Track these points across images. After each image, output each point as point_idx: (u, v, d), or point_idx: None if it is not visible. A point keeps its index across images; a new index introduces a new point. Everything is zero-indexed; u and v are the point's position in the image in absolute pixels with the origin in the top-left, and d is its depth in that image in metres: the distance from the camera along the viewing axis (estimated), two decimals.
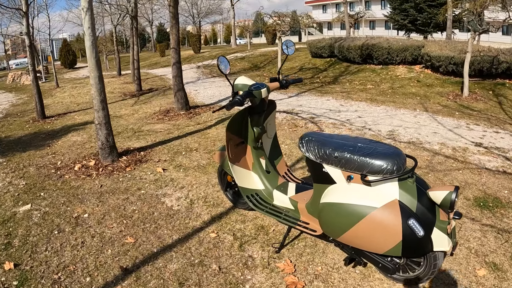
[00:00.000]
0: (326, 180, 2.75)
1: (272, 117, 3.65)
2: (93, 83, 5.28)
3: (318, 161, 2.75)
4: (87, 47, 5.16)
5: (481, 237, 3.45)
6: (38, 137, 7.82)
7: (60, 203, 4.35)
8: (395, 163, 2.43)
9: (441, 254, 2.57)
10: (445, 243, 2.42)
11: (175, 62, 8.95)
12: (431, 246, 2.44)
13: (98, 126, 5.45)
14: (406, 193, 2.44)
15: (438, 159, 5.36)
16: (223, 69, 3.35)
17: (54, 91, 15.63)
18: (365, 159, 2.49)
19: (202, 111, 9.12)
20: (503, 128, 6.95)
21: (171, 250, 3.35)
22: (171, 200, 4.34)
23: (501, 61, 10.67)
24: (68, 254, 3.33)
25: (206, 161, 5.51)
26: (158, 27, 59.52)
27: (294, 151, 5.74)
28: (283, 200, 3.29)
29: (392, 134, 6.49)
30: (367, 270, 2.99)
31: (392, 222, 2.40)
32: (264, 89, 3.23)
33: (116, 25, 21.08)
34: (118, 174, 5.17)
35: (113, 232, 3.67)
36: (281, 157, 3.79)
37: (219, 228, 3.69)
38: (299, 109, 8.65)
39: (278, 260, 3.16)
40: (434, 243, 2.43)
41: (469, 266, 3.05)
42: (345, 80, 13.13)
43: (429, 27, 23.25)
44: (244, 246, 3.38)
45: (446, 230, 2.42)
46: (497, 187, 4.47)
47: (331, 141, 2.75)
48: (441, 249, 2.45)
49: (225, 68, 3.37)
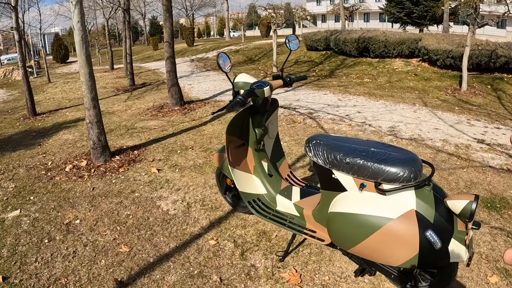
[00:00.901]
0: (336, 188, 2.54)
1: (275, 116, 3.44)
2: (83, 80, 5.06)
3: (327, 166, 2.54)
4: (77, 42, 4.94)
5: (491, 241, 3.31)
6: (29, 135, 7.60)
7: (51, 208, 4.15)
8: (412, 170, 2.24)
9: (456, 264, 2.41)
10: (462, 254, 2.25)
11: (169, 57, 8.72)
12: (448, 258, 2.27)
13: (90, 125, 5.24)
14: (423, 203, 2.25)
15: (441, 156, 5.21)
16: (222, 66, 3.15)
17: (46, 87, 15.37)
18: (379, 166, 2.30)
19: (197, 106, 8.91)
20: (504, 124, 6.82)
21: (169, 259, 3.16)
22: (167, 204, 4.14)
23: (499, 55, 10.58)
24: (59, 266, 3.13)
25: (202, 160, 5.32)
26: (151, 20, 59.04)
27: (294, 148, 5.56)
28: (287, 205, 3.09)
29: (393, 131, 6.33)
30: (376, 279, 2.83)
31: (408, 234, 2.21)
32: (267, 87, 3.00)
33: (108, 19, 20.78)
34: (111, 175, 4.96)
35: (107, 240, 3.47)
36: (283, 158, 3.59)
37: (218, 235, 3.50)
38: (297, 104, 8.48)
39: (283, 270, 2.98)
40: (451, 254, 2.26)
41: (481, 273, 2.91)
42: (342, 73, 12.96)
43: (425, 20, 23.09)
44: (246, 254, 3.20)
45: (464, 241, 2.24)
46: (503, 187, 4.33)
47: (342, 145, 2.54)
48: (457, 260, 2.28)
49: (223, 64, 3.16)
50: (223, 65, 3.15)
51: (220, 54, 3.14)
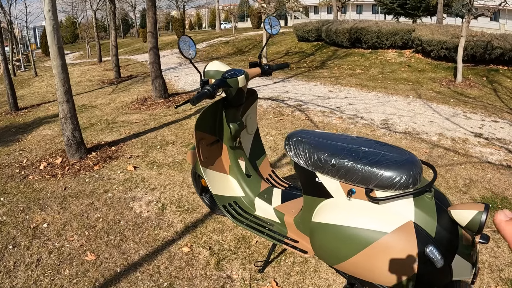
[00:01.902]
0: (320, 193, 2.17)
1: (253, 109, 3.07)
2: (56, 72, 4.74)
3: (310, 168, 2.16)
4: (48, 32, 4.61)
5: (494, 247, 3.04)
6: (9, 131, 7.33)
7: (19, 210, 3.85)
8: (410, 175, 1.87)
9: (459, 282, 2.08)
10: (467, 271, 1.89)
11: (152, 47, 8.40)
12: (451, 276, 1.91)
13: (63, 120, 4.92)
14: (423, 213, 1.86)
15: (437, 151, 4.94)
16: (184, 50, 2.60)
17: (32, 81, 15.08)
18: (371, 169, 1.92)
19: (182, 99, 8.59)
20: (501, 117, 6.56)
21: (137, 270, 2.85)
22: (140, 205, 3.83)
23: (495, 46, 10.35)
24: (22, 275, 2.84)
25: (182, 156, 5.01)
26: (141, 12, 58.37)
27: (280, 143, 5.26)
28: (267, 210, 2.73)
29: (386, 124, 6.04)
30: None
31: (405, 251, 1.84)
32: (242, 76, 2.60)
33: (96, 10, 20.39)
34: (84, 173, 4.65)
35: (73, 247, 3.17)
36: (264, 156, 3.24)
37: (193, 240, 3.19)
38: (285, 96, 8.17)
39: (262, 282, 2.66)
40: (454, 271, 1.89)
41: (484, 285, 2.63)
42: (333, 64, 12.67)
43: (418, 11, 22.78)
44: (222, 264, 2.88)
45: (470, 258, 1.91)
46: (504, 185, 4.05)
47: (327, 143, 2.16)
48: (461, 279, 1.94)
49: (185, 47, 2.61)
50: (186, 48, 2.62)
51: (182, 37, 2.64)
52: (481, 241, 1.83)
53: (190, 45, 2.65)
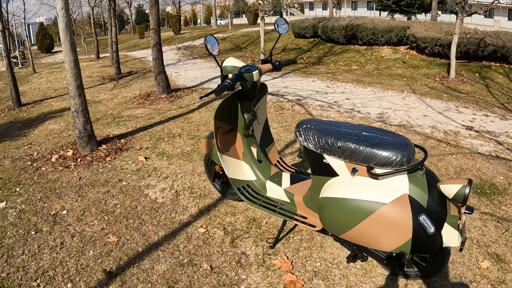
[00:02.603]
0: (327, 172, 2.50)
1: (263, 101, 3.38)
2: (68, 67, 4.95)
3: (318, 151, 2.49)
4: (61, 29, 4.83)
5: (482, 226, 3.32)
6: (14, 126, 7.48)
7: (37, 199, 4.06)
8: (404, 154, 2.20)
9: (449, 249, 2.39)
10: (455, 239, 2.23)
11: (155, 44, 8.61)
12: (441, 243, 2.25)
13: (75, 114, 5.14)
14: (416, 187, 2.22)
15: (430, 143, 5.21)
16: (210, 49, 3.04)
17: (31, 77, 15.15)
18: (372, 150, 2.25)
19: (184, 94, 8.82)
20: (492, 111, 6.85)
21: (158, 249, 3.11)
22: (155, 192, 4.08)
23: (488, 43, 10.64)
24: (47, 257, 3.06)
25: (190, 148, 5.25)
26: (137, 9, 58.36)
27: (282, 135, 5.52)
28: (278, 191, 3.05)
29: (382, 117, 6.31)
30: (368, 265, 2.81)
31: (402, 219, 2.18)
32: (256, 71, 2.93)
33: (94, 7, 20.49)
34: (97, 164, 4.88)
35: (94, 230, 3.41)
36: (272, 144, 3.54)
37: (208, 222, 3.45)
38: (285, 91, 8.42)
39: (274, 257, 2.94)
40: (444, 239, 2.24)
41: (472, 258, 2.91)
42: (330, 60, 12.92)
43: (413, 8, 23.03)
44: (236, 242, 3.15)
45: (457, 226, 2.22)
46: (492, 173, 4.34)
47: (333, 129, 2.49)
48: (450, 245, 2.26)
49: (211, 47, 3.06)
50: (211, 48, 3.05)
51: (208, 37, 3.04)
52: (467, 212, 2.18)
53: (215, 44, 3.03)
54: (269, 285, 2.66)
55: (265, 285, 2.67)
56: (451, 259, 2.87)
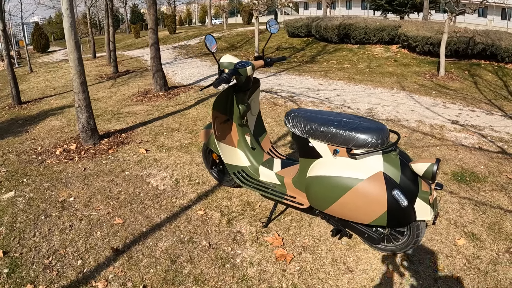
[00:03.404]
0: (312, 155, 2.83)
1: (257, 94, 3.69)
2: (72, 65, 5.21)
3: (304, 136, 2.83)
4: (66, 29, 5.08)
5: (460, 209, 3.60)
6: (16, 123, 7.69)
7: (44, 188, 4.32)
8: (379, 137, 2.52)
9: (424, 224, 2.69)
10: (427, 212, 2.54)
11: (153, 43, 8.86)
12: (414, 216, 2.56)
13: (79, 109, 5.40)
14: (390, 166, 2.54)
15: (416, 136, 5.50)
16: (209, 46, 3.37)
17: (28, 76, 15.31)
18: (350, 133, 2.58)
19: (181, 91, 9.08)
20: (479, 107, 7.15)
21: (160, 229, 3.40)
22: (156, 180, 4.36)
23: (477, 42, 10.90)
24: (57, 239, 3.33)
25: (188, 141, 5.53)
26: (132, 8, 58.48)
27: (275, 129, 5.80)
28: (269, 175, 3.36)
29: (370, 112, 6.60)
30: (352, 241, 3.10)
31: (377, 193, 2.50)
32: (250, 67, 3.25)
33: (90, 7, 20.66)
34: (101, 156, 5.15)
35: (101, 214, 3.69)
36: (265, 134, 3.86)
37: (206, 206, 3.75)
38: (278, 88, 8.69)
39: (266, 234, 3.24)
40: (417, 212, 2.55)
41: (449, 236, 3.19)
42: (323, 59, 13.21)
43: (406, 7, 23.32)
44: (232, 222, 3.45)
45: (428, 200, 2.53)
46: (474, 163, 4.63)
47: (317, 116, 2.82)
48: (423, 219, 2.57)
49: (210, 45, 3.39)
50: (210, 46, 3.38)
51: (207, 36, 3.37)
52: (437, 188, 2.51)
53: (213, 43, 3.39)
54: (262, 258, 2.96)
55: (258, 258, 2.97)
56: (429, 237, 3.16)
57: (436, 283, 2.69)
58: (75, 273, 2.88)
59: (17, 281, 2.81)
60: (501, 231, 3.27)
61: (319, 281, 2.72)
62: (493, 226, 3.33)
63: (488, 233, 3.24)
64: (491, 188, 4.03)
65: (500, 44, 10.62)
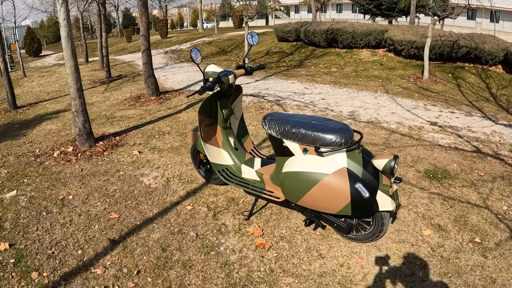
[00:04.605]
0: (286, 153, 3.21)
1: (239, 100, 4.06)
2: (69, 72, 5.51)
3: (279, 137, 3.21)
4: (63, 38, 5.39)
5: (428, 203, 3.93)
6: (12, 127, 7.94)
7: (45, 187, 4.63)
8: (343, 137, 2.90)
9: (387, 214, 3.03)
10: (388, 204, 2.90)
11: (145, 49, 9.16)
12: (377, 207, 2.92)
13: (75, 114, 5.70)
14: (353, 162, 2.91)
15: (394, 137, 5.83)
16: (195, 58, 3.70)
17: (22, 81, 15.50)
18: (318, 133, 2.96)
19: (172, 96, 9.39)
20: (459, 109, 7.48)
21: (153, 222, 3.74)
22: (148, 179, 4.70)
23: (461, 45, 11.22)
24: (59, 232, 3.65)
25: (178, 143, 5.86)
26: (124, 12, 58.61)
27: (261, 131, 6.15)
28: (250, 173, 3.73)
29: (352, 115, 6.95)
30: (326, 232, 3.45)
31: (341, 186, 2.87)
32: (231, 75, 3.63)
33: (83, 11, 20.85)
34: (96, 158, 5.47)
35: (98, 210, 4.02)
36: (247, 135, 4.22)
37: (194, 201, 4.10)
38: (265, 92, 9.01)
39: (248, 226, 3.60)
40: (379, 204, 2.91)
41: (416, 227, 3.52)
42: (311, 63, 13.55)
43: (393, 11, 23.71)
44: (217, 216, 3.81)
45: (389, 192, 2.89)
46: (447, 161, 4.95)
47: (290, 119, 3.19)
48: (385, 209, 2.93)
49: (195, 57, 3.71)
50: (195, 57, 3.72)
51: (192, 49, 3.72)
52: (396, 181, 2.89)
53: (198, 54, 3.73)
54: (243, 246, 3.31)
55: (240, 246, 3.32)
56: (397, 227, 3.49)
57: (400, 268, 3.00)
58: (76, 261, 3.21)
59: (23, 270, 3.12)
60: (466, 223, 3.57)
61: (293, 266, 3.07)
62: (459, 219, 3.64)
63: (454, 225, 3.55)
64: (461, 184, 4.34)
65: (483, 47, 10.95)
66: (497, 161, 5.01)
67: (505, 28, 30.62)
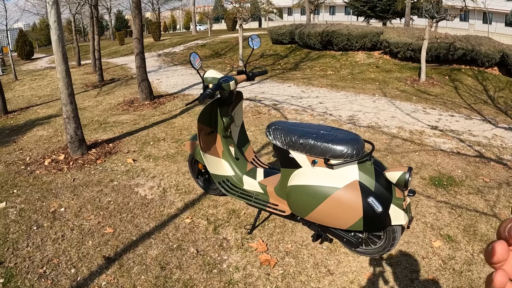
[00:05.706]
0: (293, 165, 3.01)
1: (240, 107, 3.87)
2: (60, 77, 5.32)
3: (285, 147, 3.01)
4: (54, 41, 5.19)
5: (436, 212, 3.79)
6: (3, 133, 7.73)
7: (35, 199, 4.42)
8: (354, 148, 2.71)
9: (399, 228, 2.87)
10: (401, 217, 2.73)
11: (139, 53, 8.97)
12: (389, 221, 2.74)
13: (67, 120, 5.50)
14: (365, 174, 2.72)
15: (396, 142, 5.70)
16: (193, 63, 3.54)
17: (13, 84, 15.24)
18: (327, 145, 2.77)
19: (166, 100, 9.20)
20: (458, 112, 7.38)
21: (150, 237, 3.54)
22: (144, 190, 4.50)
23: (457, 47, 11.17)
24: (50, 248, 3.44)
25: (174, 150, 5.67)
26: (116, 15, 58.30)
27: (259, 137, 5.97)
28: (253, 184, 3.54)
29: (352, 119, 6.80)
30: (333, 246, 3.27)
31: (353, 200, 2.68)
32: (233, 81, 3.43)
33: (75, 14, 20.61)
34: (89, 167, 5.26)
35: (92, 224, 3.81)
36: (248, 144, 4.04)
37: (193, 214, 3.90)
38: (262, 96, 8.86)
39: (251, 241, 3.41)
40: (392, 218, 2.74)
41: (426, 239, 3.37)
42: (306, 66, 13.42)
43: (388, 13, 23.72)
44: (218, 229, 3.61)
45: (402, 206, 2.72)
46: (451, 167, 4.83)
47: (296, 129, 3.00)
48: (398, 223, 2.75)
49: (194, 61, 3.55)
50: (194, 62, 3.55)
51: (192, 54, 3.55)
52: (409, 194, 2.71)
53: (196, 58, 3.54)
54: (247, 263, 3.12)
55: (244, 263, 3.13)
56: (406, 239, 3.34)
57: (412, 283, 2.86)
58: (69, 282, 3.00)
59: None
60: (476, 232, 3.45)
61: (301, 284, 2.89)
62: (468, 228, 3.51)
63: (464, 235, 3.42)
64: (468, 191, 4.22)
65: (480, 49, 10.89)
66: (500, 166, 4.91)
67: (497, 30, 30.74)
